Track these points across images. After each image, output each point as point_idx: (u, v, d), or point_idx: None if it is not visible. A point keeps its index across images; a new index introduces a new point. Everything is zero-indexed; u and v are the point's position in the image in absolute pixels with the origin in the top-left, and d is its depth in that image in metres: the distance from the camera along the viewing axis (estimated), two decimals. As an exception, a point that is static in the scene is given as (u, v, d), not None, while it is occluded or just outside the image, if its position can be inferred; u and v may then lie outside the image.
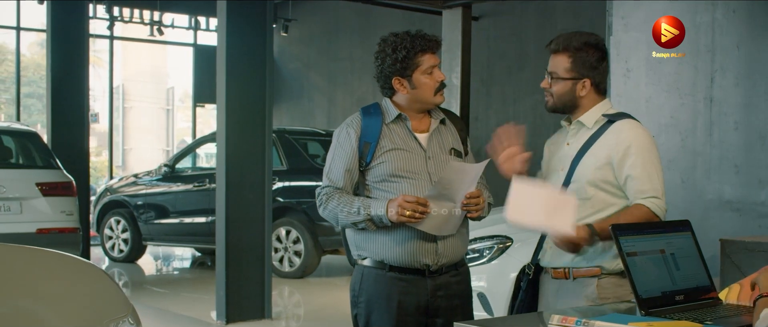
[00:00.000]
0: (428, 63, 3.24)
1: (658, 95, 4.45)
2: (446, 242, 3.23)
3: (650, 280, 2.46)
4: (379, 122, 3.28)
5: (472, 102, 11.43)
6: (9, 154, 8.44)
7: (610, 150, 2.96)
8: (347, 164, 3.25)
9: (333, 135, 3.39)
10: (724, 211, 4.24)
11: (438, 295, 3.24)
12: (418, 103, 3.30)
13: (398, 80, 3.26)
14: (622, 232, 2.48)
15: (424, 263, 3.21)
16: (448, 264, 3.27)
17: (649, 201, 2.91)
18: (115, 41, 17.09)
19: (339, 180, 3.26)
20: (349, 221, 3.19)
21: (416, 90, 3.26)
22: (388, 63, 3.25)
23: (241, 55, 7.12)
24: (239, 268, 7.14)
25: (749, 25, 4.19)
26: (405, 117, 3.29)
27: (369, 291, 3.27)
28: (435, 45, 3.28)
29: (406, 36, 3.25)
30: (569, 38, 3.03)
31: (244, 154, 7.20)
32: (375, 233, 3.22)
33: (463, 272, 3.36)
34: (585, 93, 3.04)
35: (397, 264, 3.22)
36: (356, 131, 3.27)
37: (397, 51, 3.23)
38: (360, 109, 3.39)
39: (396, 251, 3.21)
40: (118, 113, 22.00)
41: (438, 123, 3.34)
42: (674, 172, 4.41)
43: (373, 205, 3.15)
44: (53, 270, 3.17)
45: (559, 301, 3.00)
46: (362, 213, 3.15)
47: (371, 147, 3.23)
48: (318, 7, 13.38)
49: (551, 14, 10.07)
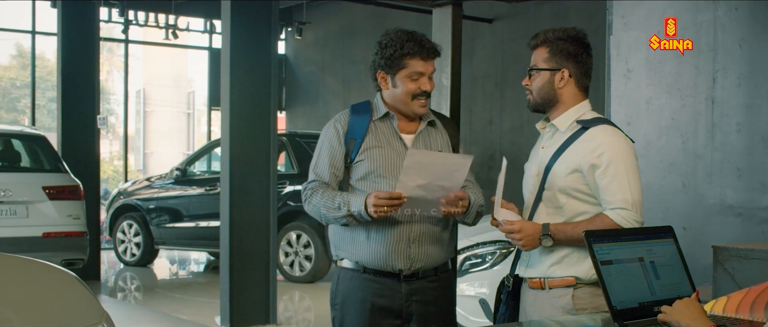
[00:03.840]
0: (415, 68, 3.16)
1: (659, 96, 4.32)
2: (421, 247, 3.17)
3: (626, 290, 2.33)
4: (366, 119, 3.23)
5: (487, 105, 11.31)
6: (17, 157, 8.45)
7: (581, 157, 2.85)
8: (332, 159, 3.21)
9: (322, 131, 3.36)
10: (725, 217, 4.10)
11: (412, 299, 3.20)
12: (398, 105, 3.23)
13: (382, 75, 3.22)
14: (597, 239, 2.35)
15: (397, 267, 3.16)
16: (424, 269, 3.20)
17: (614, 212, 2.79)
18: (138, 45, 17.14)
19: (324, 175, 3.23)
20: (331, 217, 3.15)
21: (396, 90, 3.19)
22: (378, 55, 3.21)
23: (245, 57, 7.05)
24: (243, 273, 7.08)
25: (752, 23, 4.05)
26: (392, 116, 3.24)
27: (345, 292, 3.25)
28: (427, 52, 3.18)
29: (402, 35, 3.19)
30: (547, 31, 2.95)
31: (249, 158, 7.13)
32: (352, 235, 3.20)
33: (443, 278, 3.30)
34: (564, 84, 2.93)
35: (371, 266, 3.19)
36: (343, 127, 3.24)
37: (388, 47, 3.18)
38: (350, 106, 3.35)
39: (370, 254, 3.17)
40: (140, 117, 22.10)
41: (426, 125, 3.28)
42: (675, 176, 4.27)
43: (353, 200, 3.10)
44: (24, 277, 3.14)
45: (535, 312, 2.90)
46: (343, 209, 3.11)
47: (356, 144, 3.21)
48: (332, 9, 13.31)
49: (565, 16, 9.93)
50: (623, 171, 2.81)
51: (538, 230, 2.87)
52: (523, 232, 2.88)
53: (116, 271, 11.07)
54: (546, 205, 2.94)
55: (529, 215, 3.00)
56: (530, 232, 2.88)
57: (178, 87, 22.26)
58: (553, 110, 2.98)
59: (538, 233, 2.87)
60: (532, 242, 2.88)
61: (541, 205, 2.95)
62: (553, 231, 2.85)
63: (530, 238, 2.87)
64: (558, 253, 2.91)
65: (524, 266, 3.02)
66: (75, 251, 8.04)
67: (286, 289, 9.35)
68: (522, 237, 2.88)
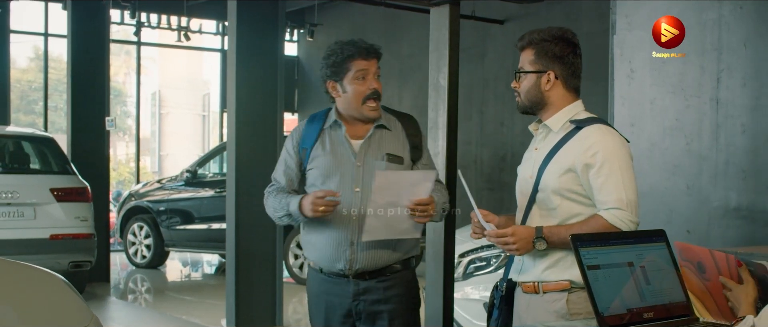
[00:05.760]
0: (358, 67, 3.29)
1: (663, 97, 4.24)
2: (362, 251, 3.29)
3: (614, 296, 2.26)
4: (318, 128, 3.39)
5: (498, 107, 11.23)
6: (25, 159, 8.46)
7: (575, 157, 2.78)
8: (285, 167, 3.43)
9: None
10: (730, 220, 4.01)
11: (360, 298, 3.35)
12: (351, 111, 3.34)
13: (331, 84, 3.37)
14: (583, 243, 2.28)
15: (339, 268, 3.32)
16: (368, 270, 3.33)
17: (609, 213, 2.73)
18: (155, 48, 17.20)
19: (281, 179, 3.43)
20: (276, 216, 3.35)
21: (347, 94, 3.32)
22: (324, 68, 3.37)
23: (251, 58, 7.01)
24: (249, 275, 7.04)
25: (757, 22, 3.96)
26: (339, 123, 3.37)
27: (310, 291, 3.48)
28: (367, 52, 3.32)
29: (341, 42, 3.37)
30: (533, 33, 2.89)
31: (255, 159, 7.08)
32: (310, 237, 3.37)
33: (395, 279, 3.38)
34: (550, 87, 2.87)
35: (319, 266, 3.39)
36: (297, 137, 3.42)
37: (330, 56, 3.35)
38: (309, 116, 3.52)
39: (319, 255, 3.36)
40: (155, 119, 22.18)
41: (374, 128, 3.37)
42: (679, 178, 4.18)
43: (292, 201, 3.28)
44: (11, 280, 3.12)
45: (529, 317, 2.84)
46: (283, 209, 3.30)
47: (307, 152, 3.37)
48: (344, 11, 13.27)
49: (577, 17, 9.85)
50: (618, 170, 2.75)
51: (531, 234, 2.81)
52: (517, 236, 2.82)
53: (127, 273, 11.07)
54: (539, 207, 2.88)
55: (522, 218, 2.94)
56: (523, 235, 2.82)
57: (193, 89, 22.33)
58: (544, 112, 2.92)
59: (532, 236, 2.81)
60: (526, 246, 2.82)
61: (535, 208, 2.89)
62: (547, 234, 2.79)
63: (524, 241, 2.81)
64: (552, 257, 2.85)
65: (518, 270, 2.96)
66: (82, 253, 8.04)
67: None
68: (516, 241, 2.81)
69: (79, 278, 8.23)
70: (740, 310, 2.29)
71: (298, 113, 14.73)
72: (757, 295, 2.32)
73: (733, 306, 2.35)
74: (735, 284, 2.35)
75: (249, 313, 7.05)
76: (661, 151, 4.27)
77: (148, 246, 11.01)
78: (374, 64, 3.33)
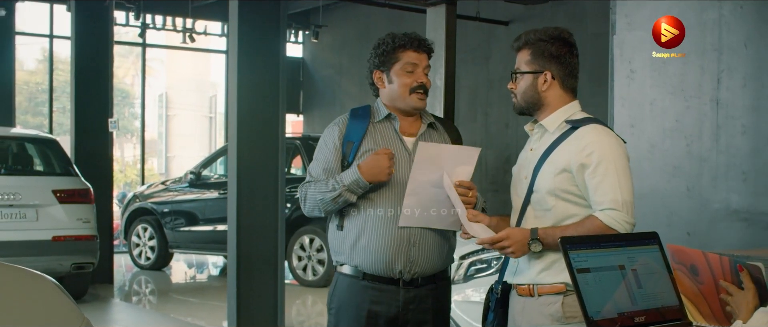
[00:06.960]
0: (408, 59, 3.18)
1: (663, 97, 4.19)
2: (422, 251, 3.14)
3: (605, 300, 2.21)
4: (365, 123, 3.23)
5: (503, 108, 11.19)
6: (28, 161, 8.45)
7: (570, 157, 2.75)
8: (327, 162, 3.21)
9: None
10: (731, 222, 3.96)
11: (410, 307, 3.17)
12: (396, 101, 3.22)
13: (378, 75, 3.24)
14: (573, 246, 2.24)
15: (397, 269, 3.13)
16: (422, 275, 3.17)
17: (604, 213, 2.69)
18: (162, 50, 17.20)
19: (318, 175, 3.21)
20: (328, 199, 3.12)
21: (393, 86, 3.20)
22: (372, 57, 3.25)
23: (253, 59, 6.98)
24: (251, 276, 7.01)
25: (758, 22, 3.92)
26: (394, 117, 3.24)
27: (341, 298, 3.23)
28: (419, 44, 3.21)
29: (393, 33, 3.25)
30: (529, 33, 2.87)
31: (257, 161, 7.06)
32: (351, 239, 3.17)
33: (441, 286, 3.26)
34: (547, 87, 2.84)
35: (371, 271, 3.16)
36: (341, 130, 3.23)
37: (381, 46, 3.22)
38: (350, 110, 3.34)
39: (369, 257, 3.15)
40: (162, 121, 22.18)
41: (426, 127, 3.26)
42: (679, 180, 4.14)
43: (345, 175, 3.10)
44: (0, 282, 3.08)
45: (524, 320, 2.80)
46: (338, 187, 3.09)
47: (354, 146, 3.20)
48: (349, 13, 13.25)
49: (581, 18, 9.80)
50: (613, 171, 2.71)
51: (526, 236, 2.77)
52: (512, 239, 2.78)
53: (131, 274, 11.06)
54: (534, 208, 2.85)
55: (517, 219, 2.90)
56: (518, 238, 2.78)
57: (200, 91, 22.31)
58: (540, 112, 2.89)
59: (527, 238, 2.77)
60: (522, 248, 2.78)
61: (530, 209, 2.86)
62: (542, 235, 2.75)
63: (519, 244, 2.78)
64: (547, 259, 2.81)
65: (513, 272, 2.92)
66: (85, 255, 8.03)
67: (299, 293, 9.30)
68: (511, 244, 2.78)
69: (82, 280, 8.22)
70: (739, 316, 2.24)
71: (304, 115, 14.71)
72: (758, 304, 2.27)
73: (732, 311, 2.31)
74: (736, 289, 2.30)
75: (250, 316, 7.02)
76: (662, 153, 4.22)
77: (153, 248, 11.00)
78: (425, 59, 3.22)
